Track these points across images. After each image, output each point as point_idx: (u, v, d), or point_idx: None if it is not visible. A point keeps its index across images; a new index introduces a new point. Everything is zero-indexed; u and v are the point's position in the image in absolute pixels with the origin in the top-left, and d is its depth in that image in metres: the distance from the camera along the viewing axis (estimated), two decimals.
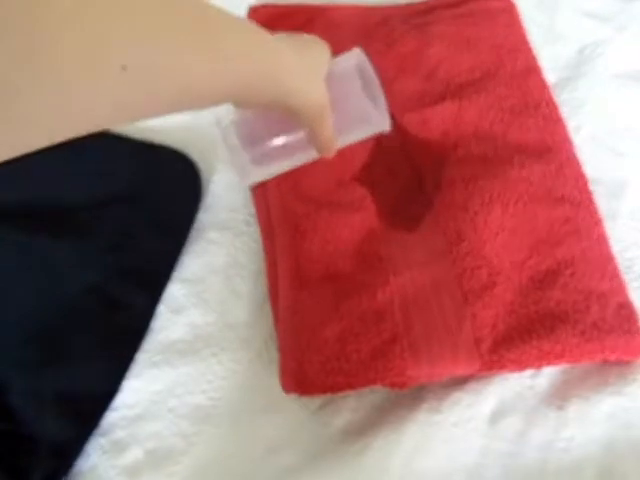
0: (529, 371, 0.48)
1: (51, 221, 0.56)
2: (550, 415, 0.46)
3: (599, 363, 0.49)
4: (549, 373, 0.49)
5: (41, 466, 0.46)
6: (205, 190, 0.58)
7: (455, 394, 0.47)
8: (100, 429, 0.48)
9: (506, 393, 0.47)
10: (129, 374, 0.50)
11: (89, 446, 0.47)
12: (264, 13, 0.63)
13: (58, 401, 0.48)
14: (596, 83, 0.62)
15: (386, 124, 0.46)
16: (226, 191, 0.58)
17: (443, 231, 0.52)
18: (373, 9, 0.66)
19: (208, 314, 0.52)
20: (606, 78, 0.63)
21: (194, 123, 0.61)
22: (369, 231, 0.53)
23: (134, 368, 0.50)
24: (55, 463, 0.46)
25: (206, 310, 0.53)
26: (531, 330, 0.47)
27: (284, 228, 0.53)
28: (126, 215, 0.56)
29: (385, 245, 0.52)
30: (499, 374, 0.48)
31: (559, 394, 0.47)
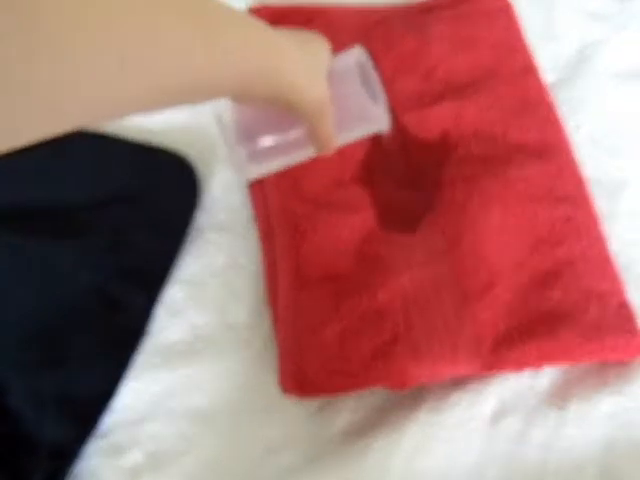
0: (529, 371, 0.48)
1: (50, 222, 0.55)
2: (550, 415, 0.46)
3: (599, 363, 0.49)
4: (549, 373, 0.49)
5: (41, 468, 0.46)
6: (203, 191, 0.58)
7: (455, 394, 0.47)
8: (100, 431, 0.48)
9: (506, 393, 0.47)
10: (129, 375, 0.50)
11: (89, 448, 0.47)
12: (263, 13, 0.63)
13: (57, 403, 0.48)
14: (595, 83, 0.62)
15: (386, 122, 0.45)
16: (225, 192, 0.58)
17: (443, 231, 0.52)
18: (372, 10, 0.66)
19: (207, 315, 0.52)
20: (605, 78, 0.63)
21: (192, 124, 0.61)
22: (369, 231, 0.53)
23: (134, 370, 0.50)
24: (55, 465, 0.46)
25: (205, 311, 0.52)
26: (531, 330, 0.47)
27: (283, 228, 0.53)
28: (125, 216, 0.56)
29: (385, 245, 0.52)
30: (499, 374, 0.48)
31: (559, 394, 0.48)
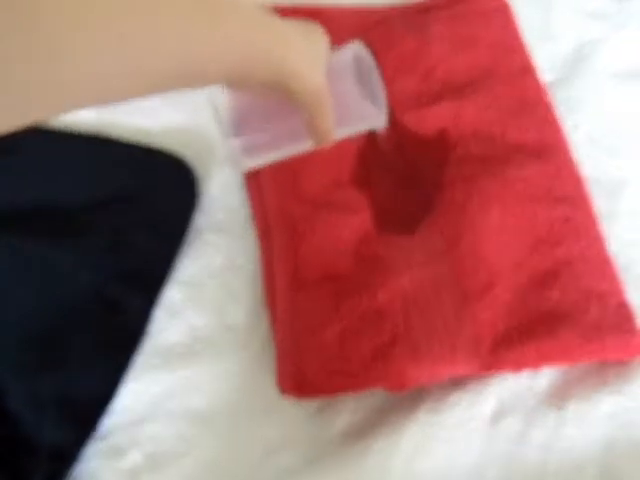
0: (528, 371, 0.48)
1: (49, 223, 0.55)
2: (550, 415, 0.46)
3: (598, 363, 0.49)
4: (549, 373, 0.49)
5: (40, 470, 0.45)
6: (202, 192, 0.58)
7: (455, 395, 0.47)
8: (99, 433, 0.48)
9: (506, 393, 0.47)
10: (128, 377, 0.50)
11: (88, 450, 0.47)
12: None
13: (57, 405, 0.48)
14: (593, 82, 0.62)
15: (382, 120, 0.45)
16: (223, 193, 0.58)
17: (442, 231, 0.52)
18: (371, 10, 0.66)
19: (206, 316, 0.52)
20: (603, 77, 0.63)
21: (190, 125, 0.61)
22: (368, 231, 0.53)
23: (133, 371, 0.50)
24: (54, 467, 0.46)
25: (204, 312, 0.52)
26: (530, 330, 0.47)
27: (281, 229, 0.53)
28: (123, 217, 0.56)
29: (384, 245, 0.52)
30: (499, 374, 0.48)
31: (559, 394, 0.47)
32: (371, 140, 0.57)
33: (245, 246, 0.55)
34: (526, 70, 0.61)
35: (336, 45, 0.43)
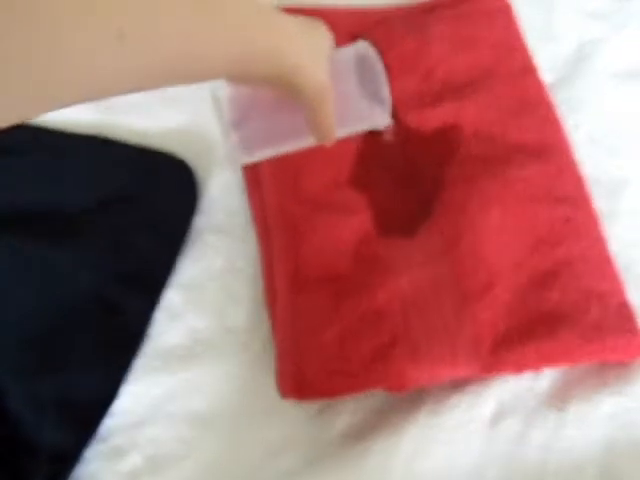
0: (528, 372, 0.48)
1: (49, 224, 0.56)
2: (550, 416, 0.46)
3: (599, 364, 0.48)
4: (549, 374, 0.48)
5: (40, 472, 0.46)
6: (201, 193, 0.58)
7: (455, 396, 0.47)
8: (99, 434, 0.48)
9: (506, 395, 0.47)
10: (128, 379, 0.50)
11: (88, 452, 0.47)
12: None
13: (57, 406, 0.48)
14: (594, 82, 0.62)
15: (385, 117, 0.45)
16: (222, 194, 0.58)
17: (442, 232, 0.52)
18: (371, 10, 0.66)
19: (206, 319, 0.52)
20: (604, 77, 0.63)
21: (190, 127, 0.61)
22: (368, 232, 0.53)
23: (133, 373, 0.50)
24: (54, 469, 0.46)
25: (204, 315, 0.52)
26: (531, 331, 0.47)
27: (281, 230, 0.53)
28: (123, 218, 0.56)
29: (384, 246, 0.52)
30: (499, 376, 0.48)
31: (559, 395, 0.47)
32: (371, 140, 0.57)
33: (245, 248, 0.55)
34: (527, 70, 0.61)
35: (336, 45, 0.43)
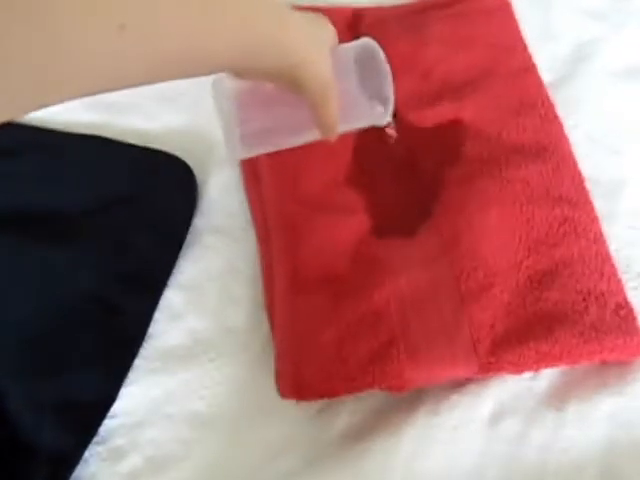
0: (528, 373, 0.48)
1: (49, 225, 0.56)
2: (549, 416, 0.46)
3: (598, 364, 0.48)
4: (548, 374, 0.48)
5: (40, 473, 0.46)
6: (201, 194, 0.58)
7: (454, 397, 0.46)
8: (99, 436, 0.48)
9: (505, 395, 0.47)
10: (127, 381, 0.50)
11: (88, 453, 0.47)
12: None
13: (56, 408, 0.48)
14: (593, 81, 0.62)
15: (387, 115, 0.45)
16: (222, 195, 0.58)
17: (440, 232, 0.52)
18: (368, 10, 0.66)
19: (206, 320, 0.52)
20: (603, 76, 0.62)
21: (190, 127, 0.61)
22: (366, 233, 0.53)
23: (132, 374, 0.50)
24: (54, 471, 0.46)
25: (204, 316, 0.52)
26: (529, 331, 0.47)
27: (281, 231, 0.53)
28: (123, 219, 0.56)
29: (382, 247, 0.52)
30: (498, 376, 0.48)
31: (558, 395, 0.47)
32: (371, 140, 0.56)
33: (244, 249, 0.55)
34: (526, 69, 0.61)
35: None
